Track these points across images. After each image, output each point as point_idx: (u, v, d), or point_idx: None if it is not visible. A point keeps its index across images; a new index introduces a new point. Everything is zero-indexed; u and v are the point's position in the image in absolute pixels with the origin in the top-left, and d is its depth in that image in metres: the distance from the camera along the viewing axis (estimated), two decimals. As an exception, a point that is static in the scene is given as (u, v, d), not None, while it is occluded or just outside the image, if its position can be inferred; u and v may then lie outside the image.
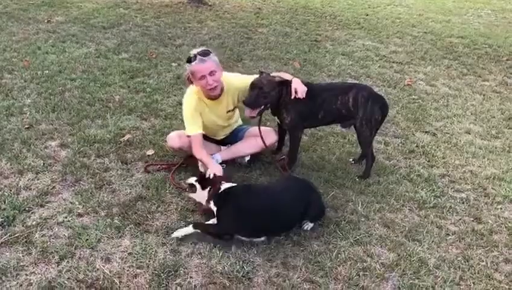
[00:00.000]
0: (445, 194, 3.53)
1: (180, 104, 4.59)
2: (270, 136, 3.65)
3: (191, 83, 3.44)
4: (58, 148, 3.75)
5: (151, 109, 4.56)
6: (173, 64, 5.85)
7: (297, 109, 3.41)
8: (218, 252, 2.78)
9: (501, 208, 3.44)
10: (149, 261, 2.69)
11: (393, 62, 6.62)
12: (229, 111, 3.59)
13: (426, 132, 4.55)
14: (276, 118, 3.61)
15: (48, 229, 2.87)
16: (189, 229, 2.88)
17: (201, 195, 3.04)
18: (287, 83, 3.37)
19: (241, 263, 2.72)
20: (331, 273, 2.70)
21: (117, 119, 4.28)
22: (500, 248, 3.02)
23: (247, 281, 2.62)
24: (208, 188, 3.00)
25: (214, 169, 3.15)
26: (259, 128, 3.55)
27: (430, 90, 5.67)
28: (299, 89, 3.33)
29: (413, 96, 5.38)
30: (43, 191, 3.20)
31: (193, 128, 3.41)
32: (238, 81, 3.53)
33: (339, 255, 2.84)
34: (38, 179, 3.34)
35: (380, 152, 4.06)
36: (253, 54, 6.47)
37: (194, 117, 3.44)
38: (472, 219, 3.30)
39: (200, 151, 3.39)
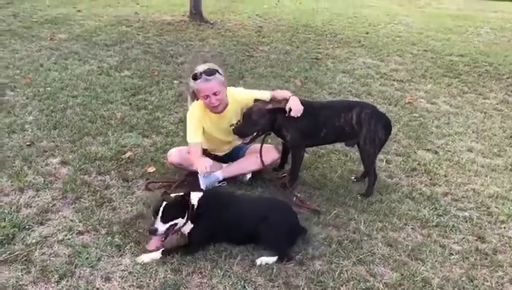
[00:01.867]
0: (448, 213, 3.51)
1: (182, 121, 4.67)
2: (271, 153, 3.65)
3: (195, 97, 3.47)
4: (59, 166, 3.74)
5: (153, 126, 4.57)
6: (175, 81, 5.88)
7: (298, 127, 3.41)
8: (219, 272, 2.74)
9: (504, 227, 3.41)
10: (149, 280, 2.66)
11: (393, 80, 6.64)
12: (232, 125, 3.58)
13: (428, 150, 4.54)
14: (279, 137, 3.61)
15: (47, 247, 2.84)
16: (157, 255, 2.83)
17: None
18: (279, 110, 3.38)
19: (242, 282, 2.68)
20: (334, 294, 2.66)
21: (118, 136, 4.28)
22: (505, 267, 2.98)
23: (248, 301, 2.58)
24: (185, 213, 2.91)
25: (199, 163, 3.25)
26: (260, 146, 3.55)
27: (431, 108, 5.68)
28: (294, 108, 3.35)
29: (415, 114, 5.38)
30: (43, 209, 3.18)
31: (194, 137, 3.43)
32: (242, 97, 3.56)
33: (342, 274, 2.80)
34: (38, 197, 3.32)
35: (382, 170, 4.04)
36: (254, 72, 6.50)
37: (196, 127, 3.45)
38: (475, 238, 3.27)
39: (196, 158, 3.38)
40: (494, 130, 5.12)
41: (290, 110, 3.34)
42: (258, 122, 3.41)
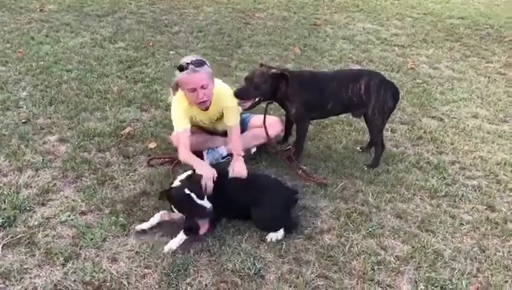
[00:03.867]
0: (457, 182, 3.45)
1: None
2: (276, 126, 3.55)
3: (177, 90, 3.23)
4: (57, 143, 3.64)
5: (151, 99, 4.44)
6: (171, 52, 5.71)
7: (303, 101, 3.30)
8: (228, 249, 2.69)
9: (514, 195, 3.37)
10: (157, 260, 2.60)
11: (394, 45, 6.49)
12: (217, 119, 3.44)
13: (433, 117, 4.46)
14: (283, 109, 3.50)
15: (50, 229, 2.78)
16: (182, 237, 2.73)
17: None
18: (283, 76, 3.25)
19: (252, 259, 2.63)
20: (345, 268, 2.62)
21: (116, 111, 4.16)
22: (516, 237, 2.95)
23: (259, 278, 2.53)
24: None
25: (202, 171, 2.90)
26: (264, 118, 3.45)
27: (434, 73, 5.56)
28: (236, 171, 3.04)
29: (418, 81, 5.27)
30: (43, 189, 3.10)
31: (181, 124, 3.20)
32: (227, 97, 3.27)
33: (352, 248, 2.76)
34: (38, 176, 3.23)
35: (388, 139, 3.96)
36: (252, 40, 6.32)
37: (181, 117, 3.23)
38: (485, 207, 3.22)
39: (184, 154, 3.16)
40: (499, 95, 5.03)
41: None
42: (260, 86, 3.23)
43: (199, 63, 3.04)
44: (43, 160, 3.39)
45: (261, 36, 6.52)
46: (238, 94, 3.25)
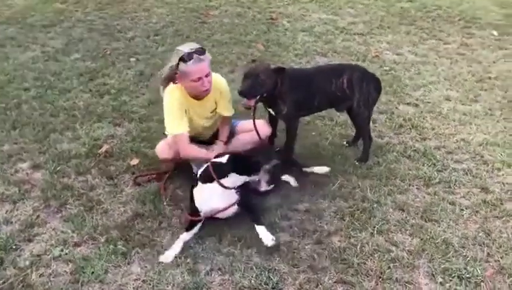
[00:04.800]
0: (447, 167, 3.49)
1: (152, 103, 4.35)
2: (264, 128, 3.43)
3: (170, 81, 3.11)
4: (31, 171, 3.37)
5: (122, 112, 4.21)
6: (131, 59, 5.45)
7: (294, 99, 3.22)
8: (239, 265, 2.58)
9: (503, 175, 3.44)
10: (167, 286, 2.46)
11: (354, 34, 6.51)
12: (212, 111, 3.32)
13: (408, 104, 4.49)
14: (270, 109, 3.38)
15: (44, 267, 2.56)
16: (179, 244, 2.68)
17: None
18: (282, 71, 3.15)
19: (266, 273, 2.53)
20: (362, 270, 2.58)
21: (88, 128, 3.91)
22: (515, 216, 3.01)
23: (278, 292, 2.45)
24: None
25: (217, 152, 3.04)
26: (253, 122, 3.33)
27: (398, 59, 5.62)
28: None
29: (385, 68, 5.31)
30: (27, 223, 2.86)
31: (179, 127, 3.08)
32: (221, 80, 3.27)
33: (363, 248, 2.72)
34: (17, 210, 2.98)
35: (371, 131, 3.94)
36: (213, 40, 6.15)
37: (179, 115, 3.10)
38: (479, 189, 3.27)
39: (190, 149, 3.12)
40: (464, 75, 5.15)
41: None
42: (266, 82, 3.10)
43: (201, 51, 2.95)
44: (19, 191, 3.14)
45: (220, 35, 6.36)
46: (245, 92, 3.10)
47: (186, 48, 2.96)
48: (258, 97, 3.13)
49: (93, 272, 2.51)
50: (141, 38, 6.18)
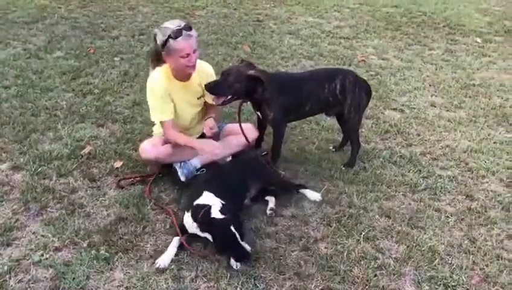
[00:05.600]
0: (432, 174, 3.50)
1: (137, 103, 4.28)
2: (251, 132, 3.40)
3: (158, 61, 3.10)
4: (11, 172, 3.27)
5: (105, 113, 4.13)
6: (116, 58, 5.37)
7: (281, 104, 3.19)
8: (224, 272, 2.54)
9: (487, 182, 3.46)
10: (151, 293, 2.40)
11: (340, 38, 6.52)
12: (199, 98, 3.29)
13: (394, 109, 4.51)
14: (258, 113, 3.35)
15: (23, 272, 2.48)
16: (173, 250, 2.63)
17: None
18: (259, 80, 3.11)
19: (252, 280, 2.50)
20: (348, 278, 2.56)
21: (70, 129, 3.82)
22: (499, 224, 3.03)
23: (264, 300, 2.41)
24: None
25: (204, 147, 3.14)
26: (240, 125, 3.30)
27: (384, 64, 5.64)
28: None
29: (371, 73, 5.32)
30: (5, 227, 2.77)
31: (164, 114, 3.14)
32: (204, 64, 3.33)
33: (350, 255, 2.71)
34: (-4, 213, 2.89)
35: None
36: (199, 40, 6.08)
37: (164, 101, 3.12)
38: (464, 196, 3.29)
39: (176, 135, 3.17)
40: (448, 82, 5.18)
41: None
42: (233, 85, 3.09)
43: (189, 27, 2.95)
44: (-2, 193, 3.04)
45: (206, 36, 6.31)
46: (209, 89, 3.11)
47: (171, 24, 2.93)
48: (228, 98, 3.12)
49: (74, 278, 2.44)
50: (126, 38, 6.10)
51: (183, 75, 3.12)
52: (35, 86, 4.52)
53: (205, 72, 3.25)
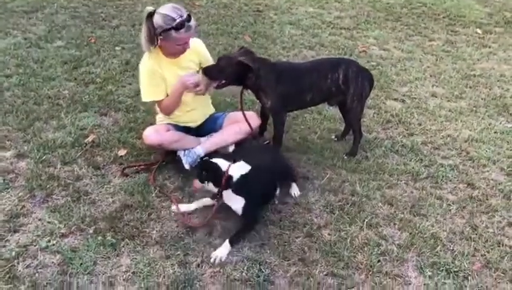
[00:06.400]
0: (434, 163, 3.53)
1: (139, 93, 4.24)
2: (253, 120, 3.42)
3: (151, 43, 3.11)
4: (16, 160, 3.28)
5: (108, 102, 4.14)
6: (117, 48, 5.36)
7: (280, 93, 3.20)
8: (230, 258, 2.57)
9: (488, 171, 3.49)
10: (158, 278, 2.43)
11: (341, 28, 6.52)
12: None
13: (395, 99, 4.53)
14: (258, 101, 3.38)
15: (31, 258, 2.50)
16: (228, 246, 2.63)
17: None
18: (248, 68, 3.11)
19: (257, 265, 2.53)
20: (352, 263, 2.59)
21: (73, 117, 3.83)
22: (500, 212, 3.07)
23: (269, 285, 2.45)
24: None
25: (180, 82, 3.12)
26: (242, 112, 3.32)
27: (385, 54, 5.66)
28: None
29: (372, 63, 5.33)
30: (12, 213, 2.79)
31: (155, 94, 3.23)
32: (201, 50, 3.37)
33: (353, 241, 2.74)
34: (1, 200, 2.90)
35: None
36: (199, 30, 6.09)
37: (155, 83, 3.19)
38: (465, 185, 3.32)
39: (168, 100, 3.24)
40: (449, 72, 5.20)
41: None
42: (224, 70, 3.14)
43: (190, 18, 2.98)
44: (3, 180, 3.05)
45: (207, 26, 6.30)
46: (204, 71, 3.16)
47: (171, 12, 2.96)
48: (222, 82, 3.17)
49: (81, 264, 2.47)
50: (126, 27, 6.08)
51: (174, 54, 3.17)
52: (37, 75, 4.52)
53: (196, 49, 3.29)
